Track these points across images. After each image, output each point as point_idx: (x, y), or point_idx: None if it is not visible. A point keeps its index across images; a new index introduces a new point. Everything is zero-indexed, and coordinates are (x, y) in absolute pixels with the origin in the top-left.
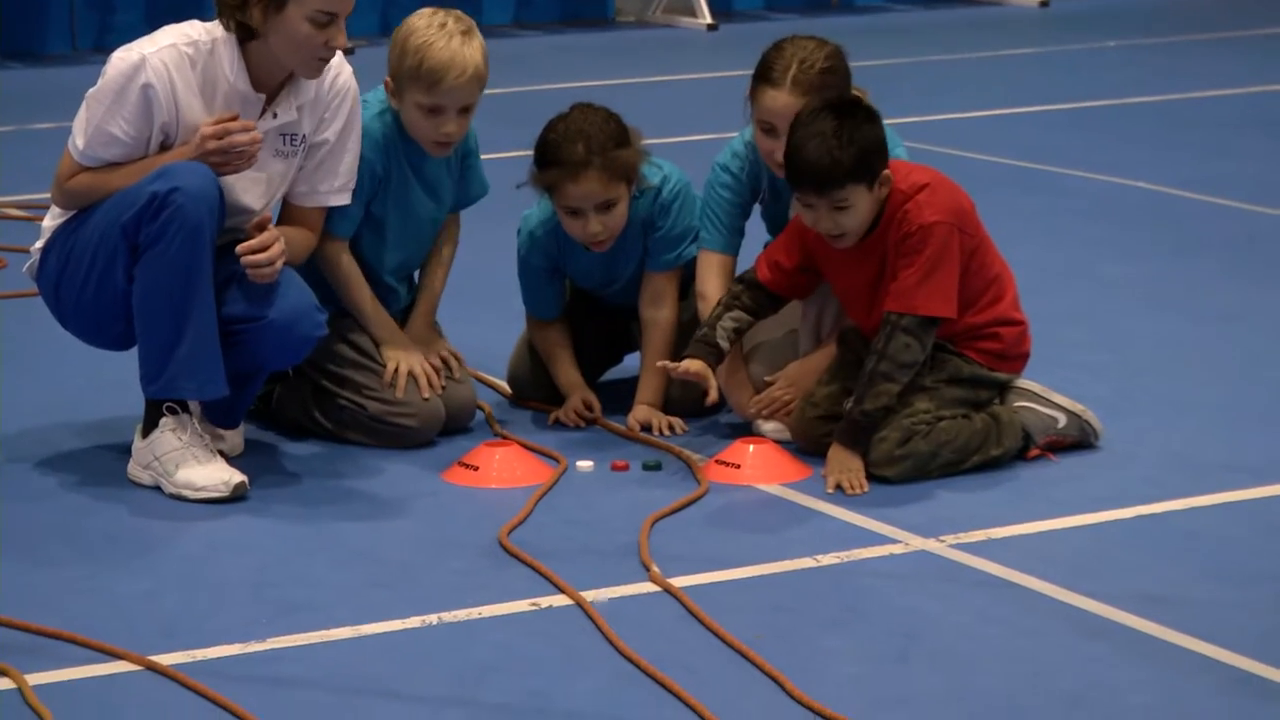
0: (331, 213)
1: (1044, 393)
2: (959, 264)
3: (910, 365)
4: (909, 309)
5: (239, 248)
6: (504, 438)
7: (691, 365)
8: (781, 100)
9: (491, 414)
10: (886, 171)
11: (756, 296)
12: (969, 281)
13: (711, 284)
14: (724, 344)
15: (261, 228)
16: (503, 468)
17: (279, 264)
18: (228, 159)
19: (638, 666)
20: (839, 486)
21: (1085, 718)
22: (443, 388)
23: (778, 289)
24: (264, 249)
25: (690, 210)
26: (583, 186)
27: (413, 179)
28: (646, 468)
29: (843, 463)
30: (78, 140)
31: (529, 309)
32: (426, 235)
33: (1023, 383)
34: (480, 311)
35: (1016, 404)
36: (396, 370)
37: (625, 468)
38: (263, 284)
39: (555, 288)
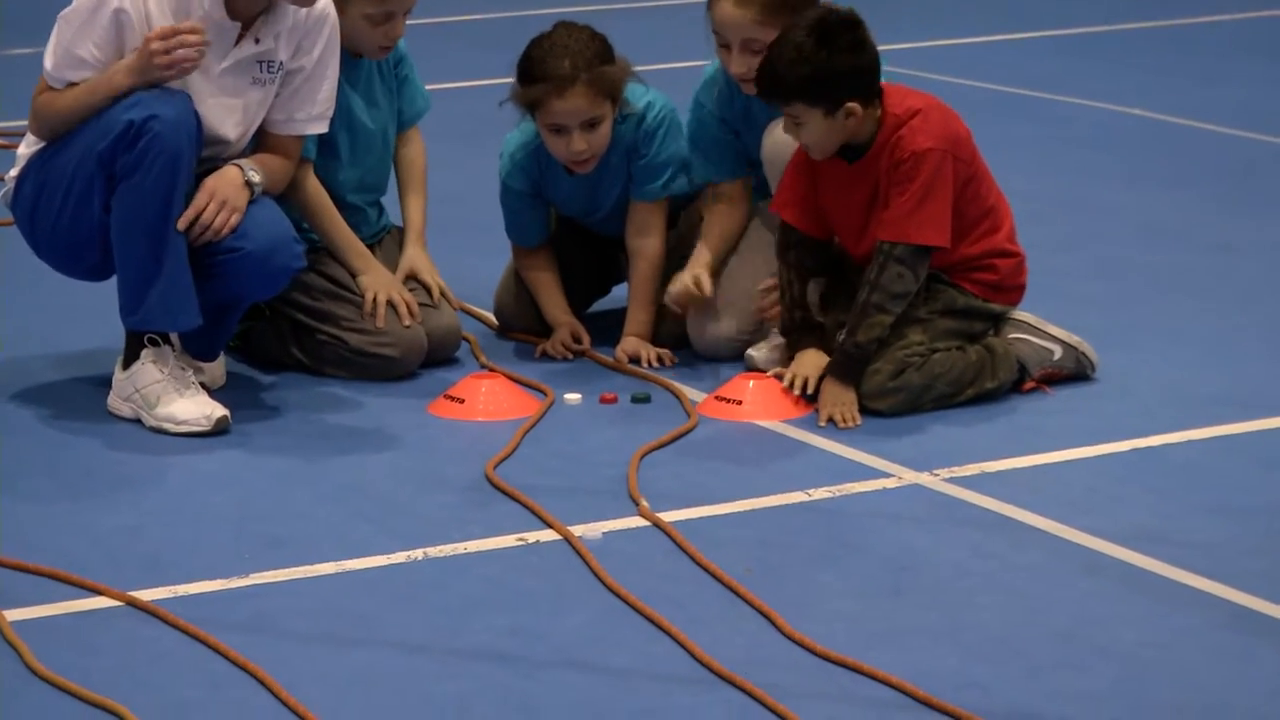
0: None
1: (1039, 324)
2: (953, 192)
3: (903, 295)
4: (901, 237)
5: (179, 222)
6: (490, 370)
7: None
8: (727, 11)
9: (477, 345)
10: (852, 104)
11: (803, 253)
12: (964, 211)
13: (719, 215)
14: (821, 317)
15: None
16: (489, 400)
17: (231, 219)
18: (173, 67)
19: (626, 602)
20: (831, 420)
21: (1080, 653)
22: (426, 314)
23: (809, 228)
24: (199, 214)
25: (676, 138)
26: (569, 102)
27: (348, 89)
28: (635, 400)
29: (835, 396)
30: (47, 62)
31: (512, 236)
32: (378, 148)
33: (1018, 314)
34: (466, 241)
35: (1011, 336)
36: (375, 300)
37: (614, 400)
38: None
39: (538, 214)
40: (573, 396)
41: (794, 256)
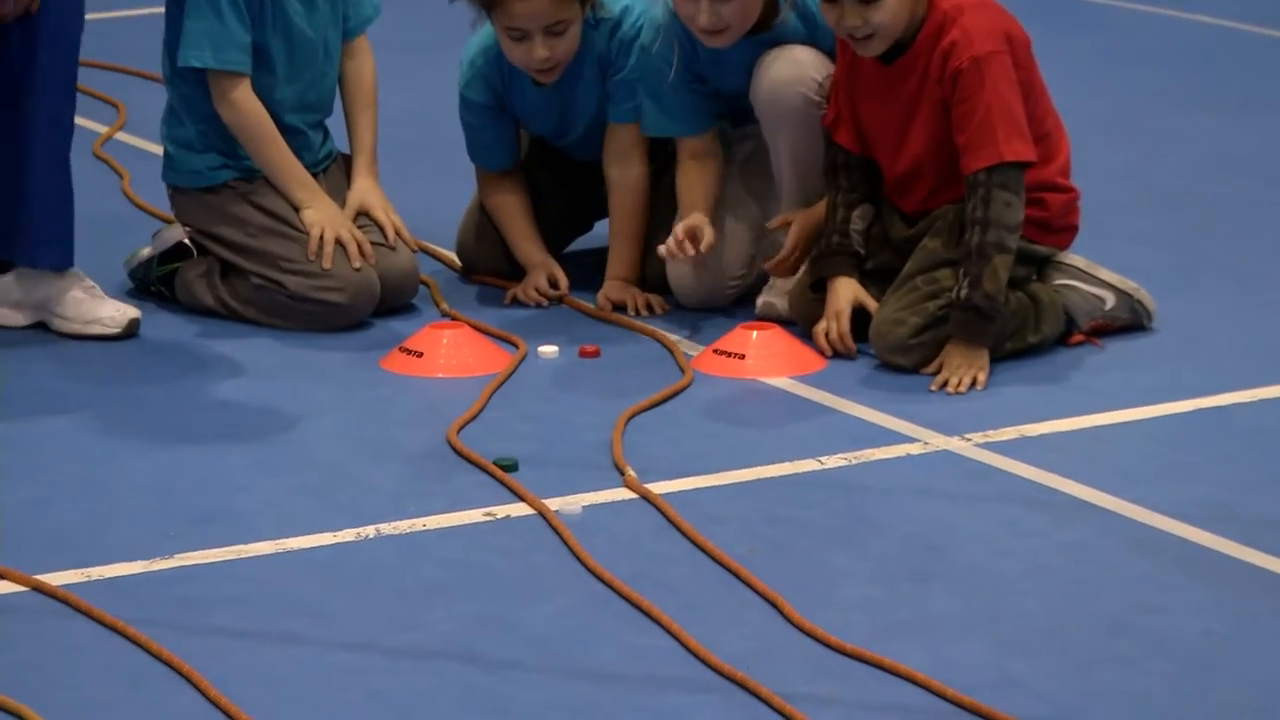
0: (222, 44)
1: (1089, 268)
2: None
3: (1017, 227)
4: (995, 159)
5: None
6: (452, 318)
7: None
8: None
9: (437, 290)
10: None
11: (855, 175)
12: None
13: (695, 175)
14: (861, 249)
15: None
16: (451, 354)
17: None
18: None
19: (610, 587)
20: (944, 385)
21: (1133, 646)
22: (379, 254)
23: (860, 148)
24: None
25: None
26: (530, 4)
27: None
28: (502, 466)
29: (965, 357)
30: None
31: (475, 158)
32: (318, 60)
33: (1066, 257)
34: (424, 170)
35: (1058, 282)
36: (321, 238)
37: (596, 354)
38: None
39: (503, 131)
40: (548, 349)
41: (844, 180)
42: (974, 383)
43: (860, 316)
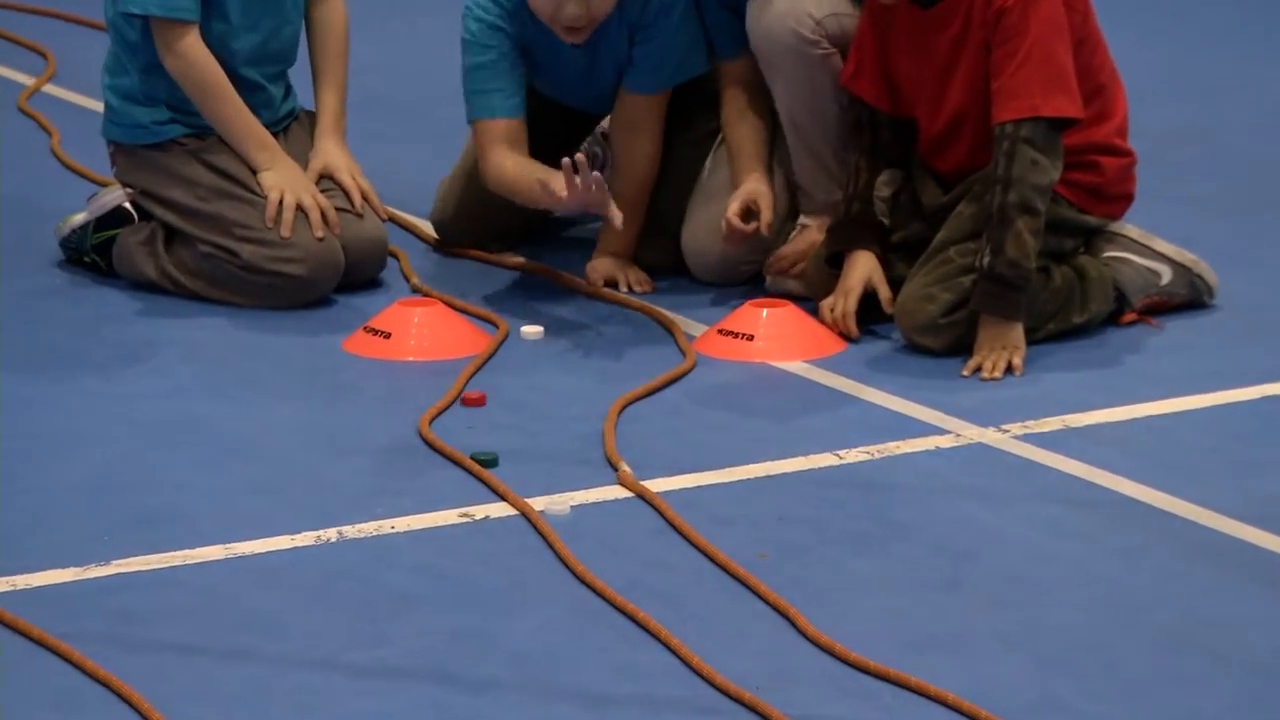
0: None
1: (1144, 239)
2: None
3: (1046, 188)
4: (1029, 111)
5: None
6: (424, 294)
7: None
8: None
9: (408, 263)
10: None
11: (880, 136)
12: None
13: (738, 116)
14: (885, 218)
15: None
16: (423, 334)
17: None
18: None
19: (602, 597)
20: (979, 369)
21: (1192, 664)
22: (344, 223)
23: (887, 103)
24: None
25: (692, 20)
26: None
27: None
28: (480, 461)
29: (995, 336)
30: None
31: (481, 108)
32: (282, 5)
33: (1119, 227)
34: (395, 130)
35: (1109, 254)
36: (281, 203)
37: (480, 402)
38: None
39: (518, 75)
40: (532, 330)
41: (868, 140)
42: (1010, 367)
43: (873, 299)
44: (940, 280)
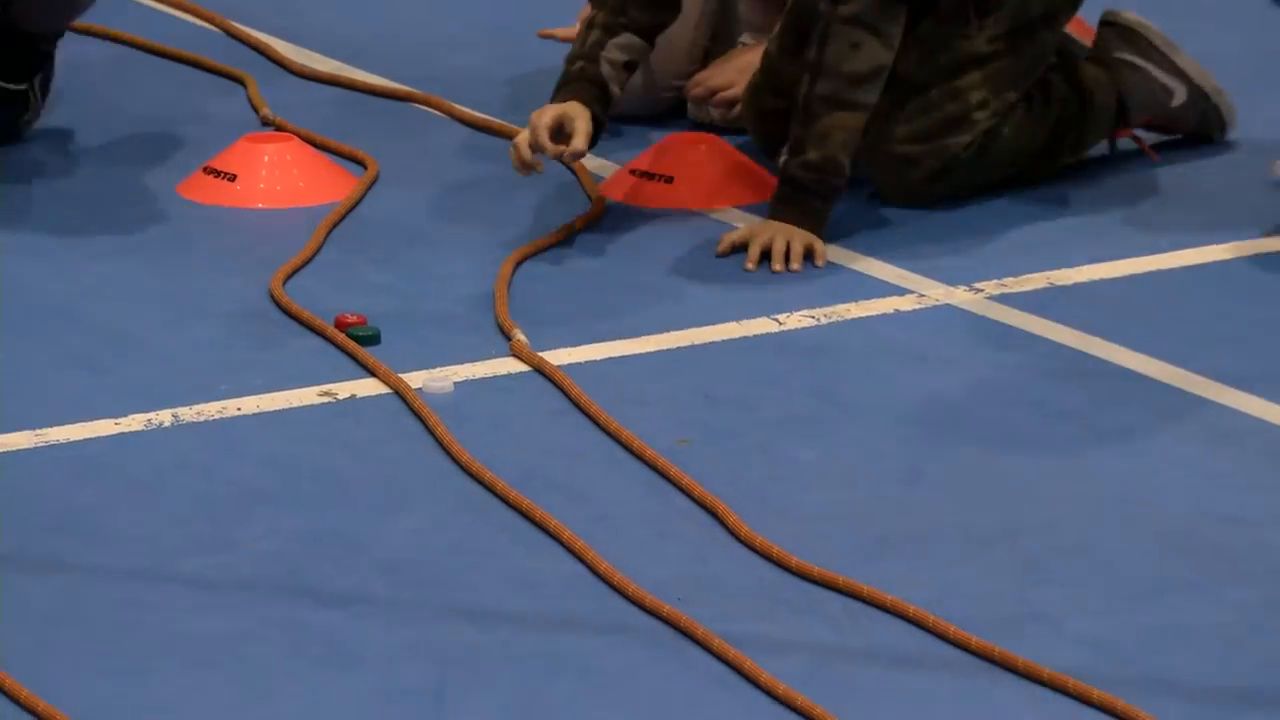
0: None
1: (1166, 48)
2: None
3: (868, 78)
4: None
5: None
6: (276, 127)
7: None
8: None
9: (255, 88)
10: None
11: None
12: None
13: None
14: (615, 87)
15: None
16: (275, 176)
17: None
18: None
19: (491, 491)
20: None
21: (1201, 568)
22: None
23: None
24: None
25: None
26: None
27: None
28: (357, 338)
29: (777, 229)
30: None
31: None
32: None
33: (1146, 27)
34: None
35: (1122, 55)
36: None
37: (361, 323)
38: None
39: None
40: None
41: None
42: (811, 253)
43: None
44: (920, 139)
